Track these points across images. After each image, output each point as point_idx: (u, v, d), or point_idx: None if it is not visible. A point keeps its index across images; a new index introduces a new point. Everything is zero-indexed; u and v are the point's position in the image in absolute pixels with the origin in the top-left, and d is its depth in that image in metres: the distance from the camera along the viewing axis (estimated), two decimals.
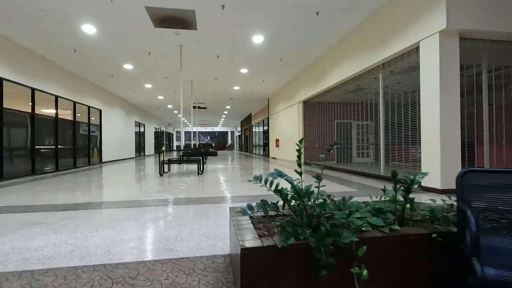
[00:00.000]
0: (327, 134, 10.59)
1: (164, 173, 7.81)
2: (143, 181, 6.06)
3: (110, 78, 11.00)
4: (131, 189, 4.98)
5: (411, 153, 5.23)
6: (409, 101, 5.24)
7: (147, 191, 4.81)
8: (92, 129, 11.87)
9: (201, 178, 6.57)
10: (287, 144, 12.64)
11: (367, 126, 8.55)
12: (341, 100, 9.06)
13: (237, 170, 8.67)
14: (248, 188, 5.01)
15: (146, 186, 5.39)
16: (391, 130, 5.84)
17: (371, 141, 8.44)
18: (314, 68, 9.27)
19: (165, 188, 5.05)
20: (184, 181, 6.06)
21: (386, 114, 6.09)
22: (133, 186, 5.34)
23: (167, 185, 5.48)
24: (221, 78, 11.22)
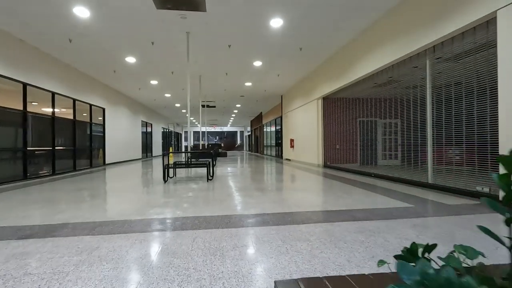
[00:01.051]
0: (349, 134, 9.49)
1: (170, 178, 6.90)
2: (143, 190, 5.13)
3: (113, 74, 10.18)
4: (126, 202, 4.05)
5: (476, 156, 4.12)
6: (474, 90, 4.13)
7: (145, 205, 3.86)
8: (95, 129, 11.10)
9: (211, 185, 5.60)
10: (304, 144, 11.58)
11: (395, 124, 7.44)
12: (366, 96, 7.96)
13: (251, 174, 7.68)
14: (271, 200, 4.01)
15: (145, 197, 4.45)
16: (445, 127, 4.73)
17: (399, 142, 7.37)
18: (338, 59, 8.19)
19: (167, 201, 4.09)
20: (191, 189, 5.10)
21: (438, 109, 4.96)
22: (129, 198, 4.41)
23: (170, 195, 4.52)
24: (232, 73, 10.25)
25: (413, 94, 5.70)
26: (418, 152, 5.54)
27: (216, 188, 5.22)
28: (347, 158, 9.74)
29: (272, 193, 4.61)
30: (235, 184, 5.74)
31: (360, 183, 5.78)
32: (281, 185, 5.55)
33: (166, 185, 5.59)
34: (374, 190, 4.81)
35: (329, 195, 4.38)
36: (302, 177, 6.76)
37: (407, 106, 6.03)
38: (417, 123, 5.52)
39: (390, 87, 6.68)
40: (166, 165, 5.82)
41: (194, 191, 4.87)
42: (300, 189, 5.02)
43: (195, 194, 4.58)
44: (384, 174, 6.55)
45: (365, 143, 8.73)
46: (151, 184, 5.86)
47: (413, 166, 6.07)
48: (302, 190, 4.87)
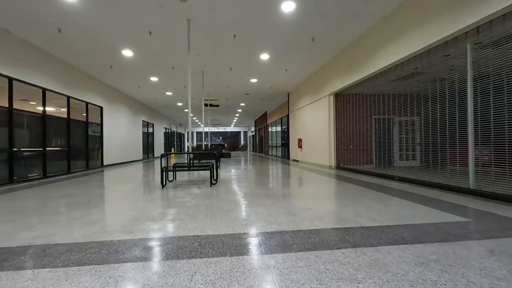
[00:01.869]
0: (363, 133, 8.77)
1: (169, 181, 6.22)
2: (137, 198, 4.45)
3: (110, 70, 9.55)
4: (113, 214, 3.37)
5: None
6: None
7: (134, 218, 3.17)
8: (92, 128, 10.48)
9: (215, 191, 4.90)
10: (314, 144, 10.85)
11: (417, 122, 6.70)
12: (384, 91, 7.21)
13: (258, 177, 6.97)
14: (286, 211, 3.30)
15: (137, 207, 3.77)
16: (495, 124, 3.98)
17: (424, 141, 6.68)
18: (353, 51, 7.45)
19: (162, 213, 3.40)
20: (192, 196, 4.40)
21: (483, 103, 4.21)
22: (118, 208, 3.73)
23: (167, 205, 3.83)
24: (237, 68, 9.56)
25: (446, 86, 4.96)
26: (454, 153, 4.79)
27: (221, 194, 4.52)
28: (362, 159, 9.01)
29: (285, 201, 3.90)
30: (241, 189, 5.04)
31: (384, 188, 5.04)
32: (294, 190, 4.84)
33: (164, 191, 4.91)
34: (407, 197, 4.08)
35: (355, 204, 3.66)
36: (316, 181, 6.04)
37: (437, 101, 5.30)
38: (453, 119, 4.77)
39: (414, 80, 5.93)
40: (164, 167, 5.14)
41: (196, 199, 4.18)
42: (318, 195, 4.31)
43: (196, 203, 3.88)
44: (412, 177, 5.80)
45: (381, 143, 7.99)
46: (147, 189, 5.18)
47: (441, 168, 5.33)
48: (321, 197, 4.16)
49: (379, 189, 4.91)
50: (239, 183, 5.87)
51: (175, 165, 6.02)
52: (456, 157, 4.69)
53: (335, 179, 6.41)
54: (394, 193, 4.50)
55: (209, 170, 5.22)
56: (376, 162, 8.97)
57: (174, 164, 6.09)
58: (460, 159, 4.57)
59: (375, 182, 5.86)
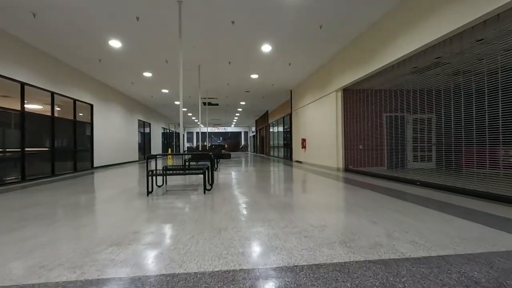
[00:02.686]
0: (374, 132, 8.00)
1: (158, 187, 5.47)
2: (111, 209, 3.70)
3: (99, 64, 8.82)
4: (66, 237, 2.61)
5: None
6: None
7: (94, 243, 2.41)
8: (80, 128, 9.75)
9: (209, 200, 4.14)
10: (318, 144, 10.08)
11: (437, 119, 5.93)
12: (399, 85, 6.44)
13: (259, 181, 6.21)
14: (297, 230, 2.53)
15: (104, 225, 3.01)
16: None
17: (433, 141, 5.97)
18: (365, 40, 6.69)
19: (133, 233, 2.64)
20: (178, 208, 3.64)
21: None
22: (80, 226, 2.97)
23: (144, 221, 3.07)
24: (237, 62, 8.81)
25: (476, 79, 4.19)
26: (486, 154, 4.01)
27: (215, 205, 3.76)
28: (373, 160, 8.23)
29: (294, 214, 3.14)
30: (240, 197, 4.28)
31: (405, 194, 4.27)
32: (302, 198, 4.08)
33: (148, 200, 4.15)
34: (440, 208, 3.31)
35: (381, 218, 2.90)
36: (325, 186, 5.27)
37: (461, 95, 4.53)
38: (482, 116, 4.00)
39: (435, 72, 5.17)
40: (150, 172, 4.37)
41: (183, 211, 3.42)
42: (332, 205, 3.55)
43: (183, 217, 3.12)
44: (431, 181, 5.02)
45: (393, 143, 7.22)
46: (129, 197, 4.43)
47: (464, 171, 4.56)
48: (335, 208, 3.40)
49: (400, 195, 4.14)
50: (238, 188, 5.10)
51: (165, 168, 5.28)
52: (491, 159, 3.92)
53: (346, 183, 5.64)
54: (420, 201, 3.73)
55: (203, 174, 4.46)
56: (388, 164, 8.21)
57: (164, 167, 5.35)
58: (505, 163, 3.79)
59: (391, 187, 5.09)
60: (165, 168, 5.25)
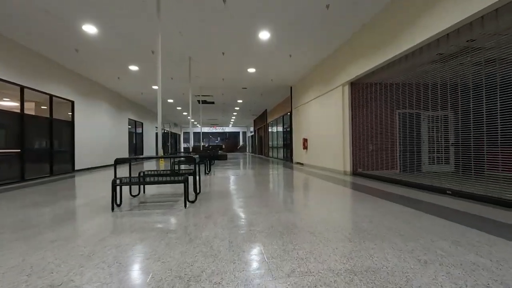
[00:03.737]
0: (385, 131, 7.08)
1: (133, 196, 4.51)
2: (56, 234, 2.75)
3: (76, 55, 7.85)
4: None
5: None
6: None
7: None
8: (59, 126, 8.78)
9: (190, 218, 3.20)
10: (322, 145, 9.15)
11: (464, 117, 5.02)
12: (415, 78, 5.51)
13: (257, 188, 5.26)
14: (311, 286, 1.60)
15: (26, 265, 2.06)
16: None
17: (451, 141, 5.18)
18: (378, 25, 5.77)
19: (58, 283, 1.69)
20: (144, 233, 2.69)
21: None
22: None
23: (85, 258, 2.12)
24: (231, 52, 7.86)
25: None
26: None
27: (194, 228, 2.81)
28: (385, 163, 7.31)
29: (304, 246, 2.20)
30: (230, 214, 3.33)
31: (445, 210, 3.33)
32: (311, 216, 3.14)
33: (111, 218, 3.20)
34: (501, 233, 2.38)
35: (436, 256, 1.97)
36: (337, 196, 4.34)
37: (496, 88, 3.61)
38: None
39: (463, 59, 4.24)
40: (114, 181, 3.42)
41: (145, 240, 2.47)
42: (354, 230, 2.61)
43: (141, 252, 2.17)
44: (479, 193, 4.08)
45: (407, 143, 6.31)
46: (90, 213, 3.48)
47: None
48: (361, 235, 2.46)
49: (434, 211, 3.20)
50: (229, 199, 4.16)
51: (142, 174, 4.34)
52: None
53: (359, 191, 4.71)
54: (470, 221, 2.79)
55: (184, 183, 3.52)
56: (401, 167, 7.29)
57: (141, 173, 4.42)
58: None
59: (416, 196, 4.16)
60: (142, 175, 4.31)
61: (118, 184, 3.35)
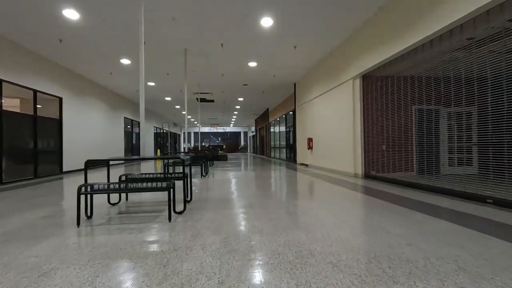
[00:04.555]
0: (400, 129, 6.37)
1: (112, 205, 3.83)
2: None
3: (61, 46, 7.19)
4: None
5: None
6: None
7: None
8: (44, 124, 8.12)
9: (172, 238, 2.50)
10: (329, 145, 8.43)
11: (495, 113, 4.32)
12: (435, 70, 4.79)
13: (259, 195, 4.56)
14: None
15: None
16: None
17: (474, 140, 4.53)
18: (397, 8, 5.05)
19: None
20: (103, 271, 2.00)
21: None
22: None
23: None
24: (230, 42, 7.17)
25: None
26: None
27: (179, 253, 2.11)
28: (399, 164, 6.59)
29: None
30: (226, 232, 2.63)
31: (499, 227, 2.62)
32: (329, 236, 2.44)
33: (70, 238, 2.51)
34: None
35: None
36: (354, 205, 3.63)
37: None
38: None
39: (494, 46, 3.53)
40: (80, 187, 2.73)
41: (105, 276, 1.77)
42: (397, 265, 1.91)
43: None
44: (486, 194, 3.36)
45: (426, 142, 5.59)
46: (45, 230, 2.79)
47: None
48: (419, 269, 1.75)
49: (489, 229, 2.49)
50: (225, 210, 3.46)
51: (121, 178, 3.67)
52: None
53: (379, 199, 4.00)
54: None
55: (168, 190, 2.82)
56: (417, 169, 6.55)
57: (123, 176, 3.74)
58: None
59: (447, 205, 3.44)
60: (124, 179, 3.63)
61: (84, 193, 2.66)
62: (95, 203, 3.94)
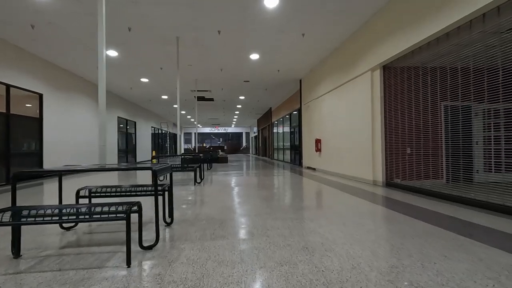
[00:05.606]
0: (427, 129, 5.36)
1: (66, 229, 2.86)
2: None
3: (34, 33, 6.26)
4: None
5: None
6: None
7: None
8: (20, 124, 7.21)
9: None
10: (342, 147, 7.42)
11: None
12: (473, 58, 3.78)
13: (261, 211, 3.59)
14: None
15: None
16: None
17: None
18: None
19: None
20: None
21: None
22: None
23: None
24: (228, 30, 6.20)
25: None
26: None
27: None
28: (424, 170, 5.56)
29: None
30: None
31: None
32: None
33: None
34: None
35: None
36: (393, 230, 2.65)
37: None
38: None
39: None
40: (2, 211, 1.78)
41: None
42: None
43: None
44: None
45: (460, 144, 4.60)
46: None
47: None
48: None
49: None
50: (216, 240, 2.49)
51: (79, 193, 2.72)
52: None
53: (419, 219, 3.00)
54: None
55: (127, 220, 1.86)
56: (447, 176, 5.51)
57: (78, 192, 2.79)
58: None
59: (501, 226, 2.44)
60: (84, 195, 2.68)
61: (11, 225, 1.70)
62: (43, 228, 2.97)
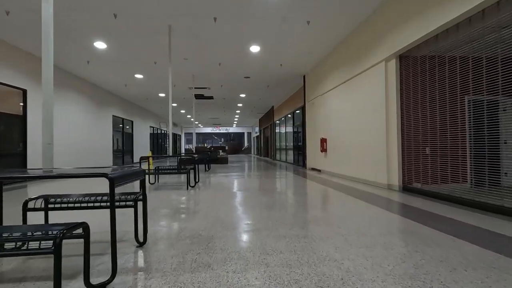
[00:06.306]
0: (449, 127, 4.67)
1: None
2: None
3: (11, 22, 5.68)
4: None
5: None
6: None
7: None
8: (3, 121, 6.64)
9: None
10: (351, 146, 6.76)
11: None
12: (501, 46, 3.12)
13: (262, 228, 2.96)
14: None
15: None
16: None
17: None
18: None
19: None
20: None
21: None
22: None
23: None
24: (226, 13, 5.58)
25: None
26: None
27: None
28: (445, 173, 4.88)
29: None
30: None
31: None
32: None
33: None
34: None
35: None
36: (433, 254, 2.00)
37: None
38: None
39: None
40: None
41: None
42: None
43: None
44: None
45: (486, 143, 3.92)
46: None
47: None
48: None
49: None
50: (196, 273, 1.86)
51: (27, 204, 2.10)
52: None
53: (458, 237, 2.36)
54: None
55: (55, 254, 1.23)
56: (471, 180, 4.82)
57: (28, 202, 2.17)
58: None
59: None
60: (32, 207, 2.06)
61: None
62: None
